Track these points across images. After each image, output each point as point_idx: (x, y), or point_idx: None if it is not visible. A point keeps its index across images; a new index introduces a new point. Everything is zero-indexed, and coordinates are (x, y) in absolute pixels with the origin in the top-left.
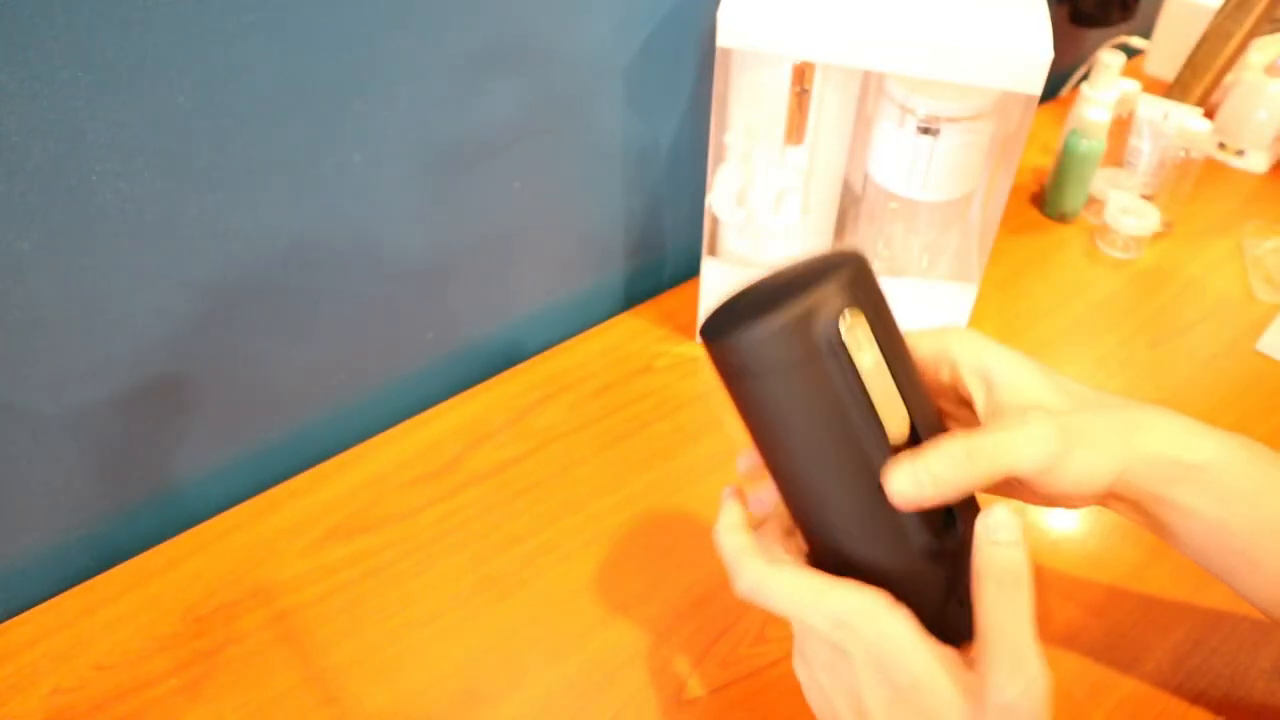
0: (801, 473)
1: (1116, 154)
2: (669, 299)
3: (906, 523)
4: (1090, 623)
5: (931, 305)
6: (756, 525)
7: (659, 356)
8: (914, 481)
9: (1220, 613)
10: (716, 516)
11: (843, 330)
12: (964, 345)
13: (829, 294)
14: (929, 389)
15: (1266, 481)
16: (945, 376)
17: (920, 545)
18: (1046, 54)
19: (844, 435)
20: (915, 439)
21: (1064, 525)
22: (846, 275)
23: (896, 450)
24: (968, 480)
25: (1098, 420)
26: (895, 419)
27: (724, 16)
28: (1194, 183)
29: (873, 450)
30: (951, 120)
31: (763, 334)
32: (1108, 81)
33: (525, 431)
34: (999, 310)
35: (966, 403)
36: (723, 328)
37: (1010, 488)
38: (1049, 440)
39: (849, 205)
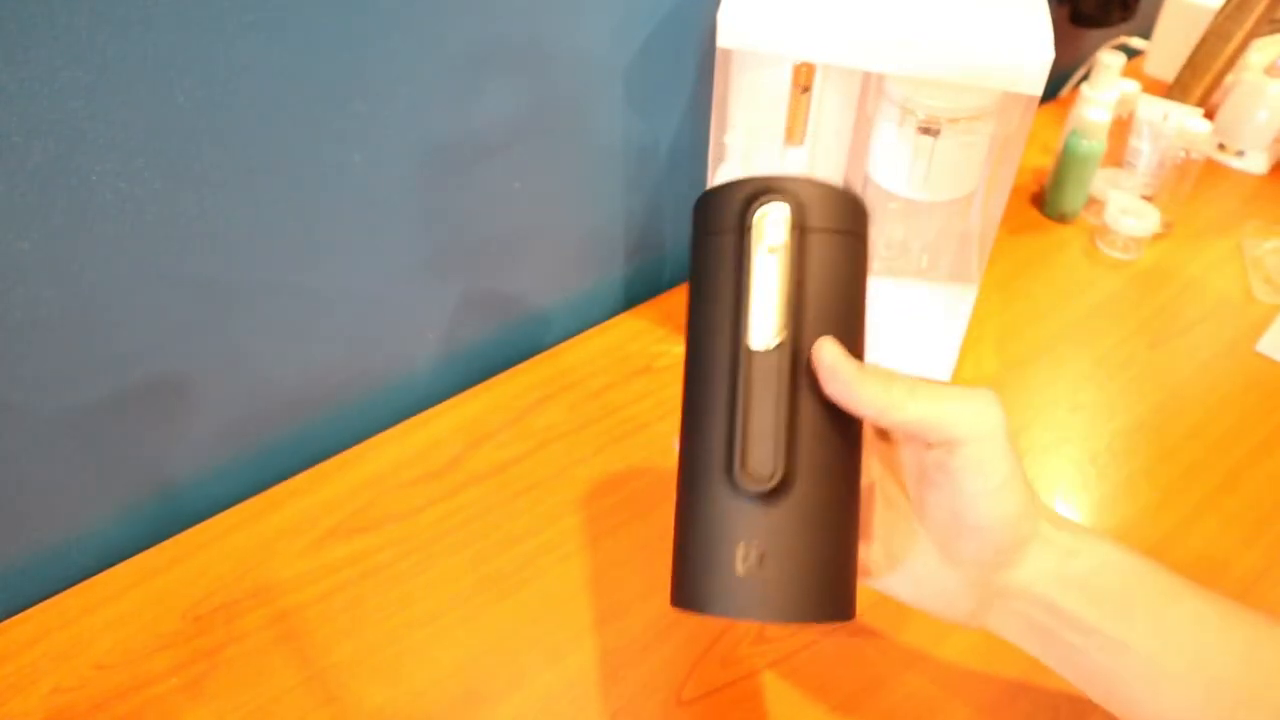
0: (690, 343)
1: (1116, 154)
2: (669, 299)
3: (739, 437)
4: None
5: (931, 306)
6: None
7: (659, 356)
8: (837, 354)
9: None
10: None
11: (755, 216)
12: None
13: (773, 187)
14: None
15: (1168, 589)
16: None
17: (736, 476)
18: (1047, 54)
19: (718, 319)
20: (795, 358)
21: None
22: (812, 190)
23: (764, 355)
24: (889, 389)
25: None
26: (767, 322)
27: (724, 16)
28: (1194, 183)
29: (733, 342)
30: (951, 120)
31: (705, 198)
32: (1108, 82)
33: (525, 431)
34: (999, 310)
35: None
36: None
37: (928, 479)
38: (993, 412)
39: None
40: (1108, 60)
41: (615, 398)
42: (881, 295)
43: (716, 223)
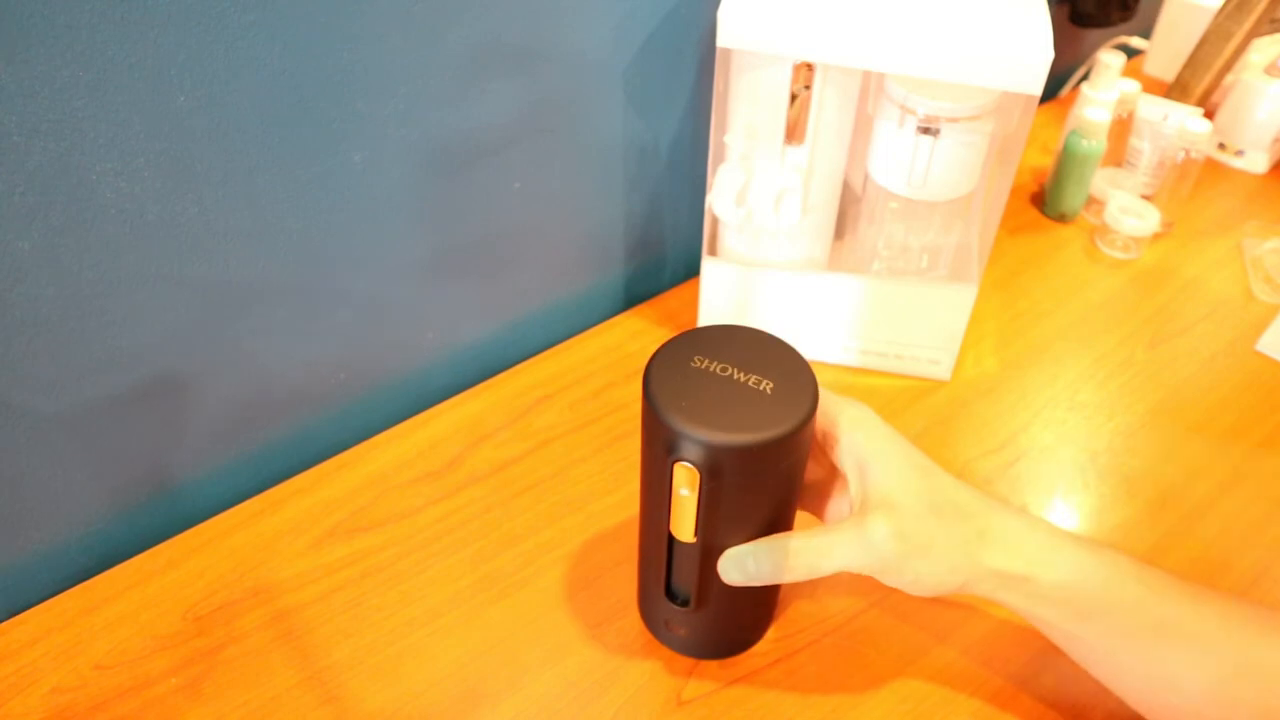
0: (641, 499)
1: (1116, 154)
2: (669, 299)
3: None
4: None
5: (931, 305)
6: None
7: None
8: (739, 566)
9: None
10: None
11: (673, 468)
12: (849, 429)
13: (697, 430)
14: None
15: (1123, 599)
16: (832, 454)
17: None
18: (1047, 54)
19: (654, 513)
20: (708, 546)
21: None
22: (734, 442)
23: (683, 545)
24: (789, 573)
25: (942, 531)
26: (685, 529)
27: (724, 16)
28: (1194, 183)
29: (660, 529)
30: (951, 120)
31: (651, 408)
32: (1108, 81)
33: (525, 431)
34: (999, 310)
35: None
36: (665, 358)
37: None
38: (881, 546)
39: (849, 205)
40: (1108, 60)
41: (615, 398)
42: (882, 295)
43: (651, 430)
